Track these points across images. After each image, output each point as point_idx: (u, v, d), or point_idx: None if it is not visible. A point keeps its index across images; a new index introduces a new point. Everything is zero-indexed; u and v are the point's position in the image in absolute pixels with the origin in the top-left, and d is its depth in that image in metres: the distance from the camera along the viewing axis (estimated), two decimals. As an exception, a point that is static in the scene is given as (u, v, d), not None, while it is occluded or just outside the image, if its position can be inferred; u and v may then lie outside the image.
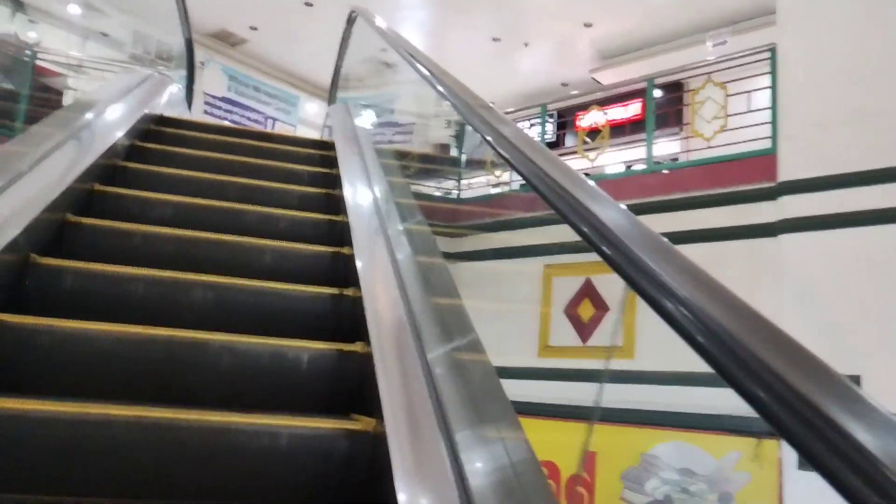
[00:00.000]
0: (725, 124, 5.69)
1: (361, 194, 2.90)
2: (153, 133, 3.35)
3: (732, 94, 5.79)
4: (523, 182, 1.49)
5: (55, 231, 2.00)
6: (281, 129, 12.11)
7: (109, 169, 2.58)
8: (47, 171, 2.09)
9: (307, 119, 12.97)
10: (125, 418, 1.30)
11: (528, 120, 9.05)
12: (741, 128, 5.56)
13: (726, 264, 3.75)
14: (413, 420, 1.39)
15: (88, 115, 2.86)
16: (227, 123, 11.15)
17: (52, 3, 8.91)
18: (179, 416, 1.34)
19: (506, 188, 7.97)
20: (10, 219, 1.74)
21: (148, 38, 10.09)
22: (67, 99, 7.78)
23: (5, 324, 1.52)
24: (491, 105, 1.97)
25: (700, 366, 0.78)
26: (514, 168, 1.56)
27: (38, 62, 7.27)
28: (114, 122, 3.00)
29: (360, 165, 3.33)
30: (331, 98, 5.83)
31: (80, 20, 10.22)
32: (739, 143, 5.51)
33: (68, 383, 1.52)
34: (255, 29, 10.83)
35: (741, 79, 5.90)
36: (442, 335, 1.78)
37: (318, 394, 1.73)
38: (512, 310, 6.35)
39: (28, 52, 7.26)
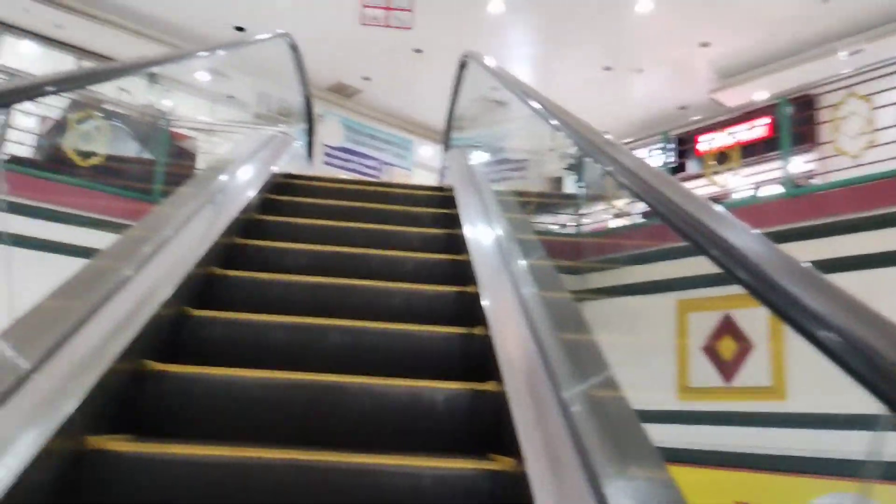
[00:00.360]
0: (874, 139, 5.33)
1: (481, 232, 2.96)
2: (282, 186, 3.59)
3: (878, 107, 5.43)
4: (645, 212, 1.47)
5: (204, 283, 2.18)
6: (397, 173, 12.56)
7: (247, 223, 2.79)
8: (194, 229, 2.30)
9: (421, 162, 13.39)
10: (280, 461, 1.40)
11: (646, 147, 8.89)
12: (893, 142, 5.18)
13: (884, 294, 3.48)
14: (554, 459, 1.39)
15: (223, 178, 3.12)
16: (343, 175, 11.72)
17: (183, 72, 9.78)
18: (329, 459, 1.42)
19: (627, 220, 7.82)
20: (167, 277, 1.93)
21: (270, 98, 10.86)
22: (200, 160, 8.49)
23: (166, 374, 1.68)
24: (608, 135, 1.97)
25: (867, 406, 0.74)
26: (641, 199, 1.55)
27: (173, 128, 7.98)
28: (246, 182, 3.25)
29: (477, 204, 3.41)
30: (445, 140, 6.01)
31: (209, 86, 11.14)
32: (890, 159, 5.13)
33: (222, 427, 1.65)
34: (368, 79, 11.38)
35: (888, 90, 5.52)
36: (574, 373, 1.77)
37: (454, 434, 1.77)
38: (645, 348, 6.15)
39: (163, 120, 7.99)
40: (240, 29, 9.98)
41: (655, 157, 8.39)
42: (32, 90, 1.85)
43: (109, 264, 1.92)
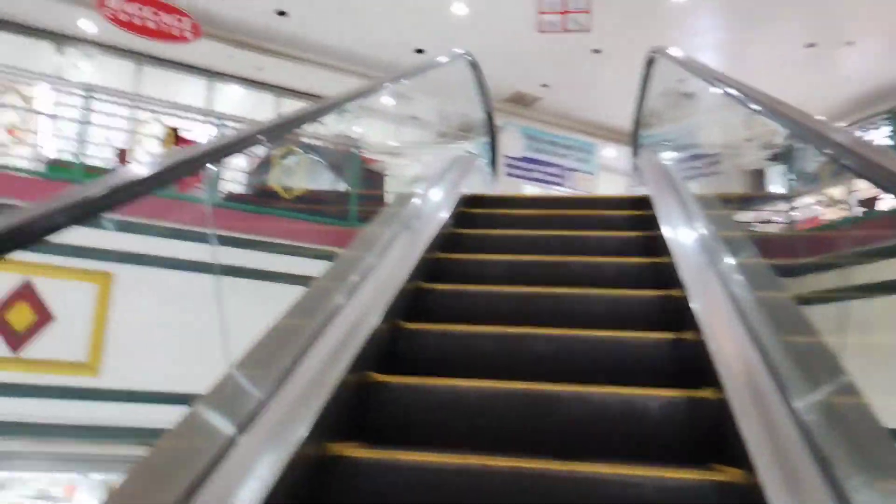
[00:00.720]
0: None
1: (683, 232, 2.86)
2: (475, 200, 3.72)
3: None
4: (863, 200, 1.34)
5: (413, 297, 2.32)
6: (580, 179, 12.44)
7: (445, 237, 2.94)
8: (399, 248, 2.46)
9: (606, 164, 13.15)
10: (504, 469, 1.45)
11: (866, 128, 8.04)
12: None
13: None
14: (791, 471, 1.31)
15: (417, 201, 3.30)
16: (527, 187, 11.83)
17: (370, 100, 10.44)
18: (550, 467, 1.45)
19: (846, 211, 7.12)
20: (381, 292, 2.09)
21: (451, 115, 11.27)
22: (389, 182, 9.02)
23: (388, 384, 1.82)
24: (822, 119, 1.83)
25: None
26: (882, 187, 1.42)
27: (364, 154, 8.54)
28: (439, 202, 3.42)
29: (675, 203, 3.29)
30: (633, 140, 5.86)
31: (393, 109, 11.78)
32: None
33: (441, 435, 1.75)
34: (546, 86, 11.42)
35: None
36: (803, 379, 1.66)
37: (669, 442, 1.73)
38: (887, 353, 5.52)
39: (355, 147, 8.58)
40: (420, 51, 10.47)
41: (881, 139, 7.56)
42: (244, 143, 1.95)
43: (328, 286, 2.10)
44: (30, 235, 1.11)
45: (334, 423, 1.57)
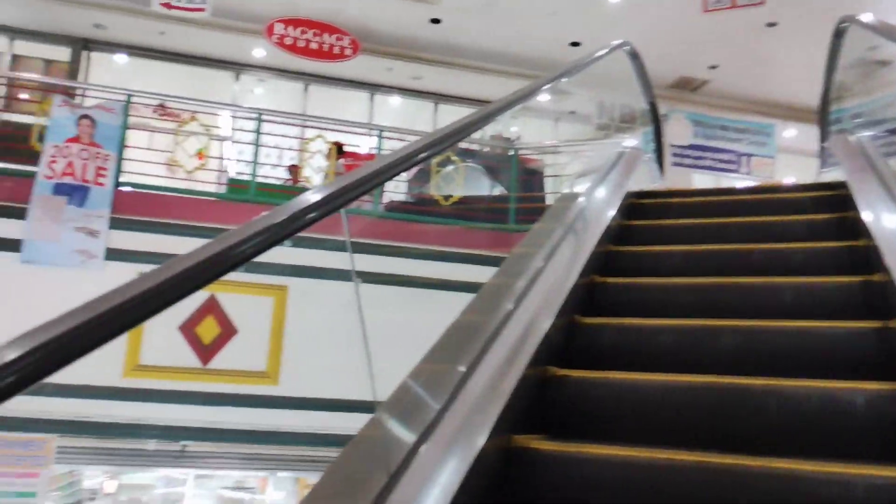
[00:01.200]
0: None
1: (886, 212, 2.63)
2: (641, 195, 3.65)
3: None
4: None
5: (586, 292, 2.34)
6: (757, 164, 11.73)
7: (616, 229, 2.92)
8: (571, 244, 2.50)
9: (786, 146, 12.30)
10: (691, 464, 1.44)
11: None
12: None
13: None
14: None
15: (582, 200, 3.29)
16: (696, 176, 11.32)
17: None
18: (743, 463, 1.41)
19: None
20: (556, 288, 2.12)
21: (611, 107, 11.05)
22: (548, 181, 9.02)
23: (568, 378, 1.85)
24: None
25: None
26: None
27: (521, 154, 8.59)
28: (604, 199, 3.38)
29: (874, 181, 3.03)
30: (822, 118, 5.44)
31: (550, 105, 11.74)
32: None
33: (623, 428, 1.76)
34: (715, 67, 10.89)
35: None
36: None
37: (878, 439, 1.61)
38: None
39: (512, 148, 8.67)
40: (575, 44, 10.38)
41: None
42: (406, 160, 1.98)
43: (501, 285, 2.15)
44: (242, 257, 1.28)
45: (517, 416, 1.62)
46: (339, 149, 8.78)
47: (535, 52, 10.60)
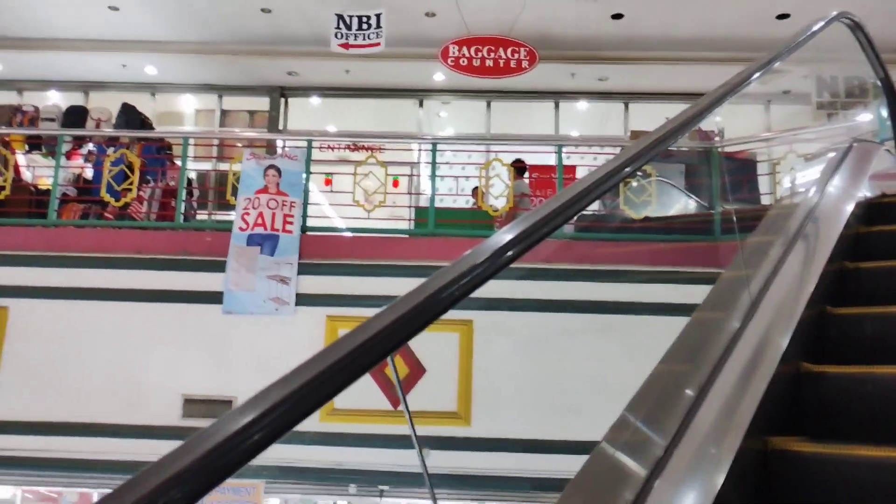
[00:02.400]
0: None
1: None
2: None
3: None
4: None
5: (837, 279, 2.24)
6: None
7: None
8: (813, 229, 2.38)
9: None
10: None
11: None
12: None
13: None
14: None
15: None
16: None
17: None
18: None
19: None
20: (806, 276, 2.04)
21: (833, 82, 9.52)
22: (764, 169, 7.90)
23: (825, 375, 1.74)
24: None
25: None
26: None
27: (726, 150, 7.63)
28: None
29: None
30: None
31: (759, 88, 10.41)
32: None
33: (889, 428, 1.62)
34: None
35: None
36: None
37: None
38: None
39: (714, 143, 7.73)
40: (783, 16, 9.09)
41: None
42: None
43: (741, 276, 2.09)
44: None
45: (771, 416, 1.55)
46: (519, 168, 8.39)
47: (735, 32, 9.44)
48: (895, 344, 1.87)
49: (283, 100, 10.83)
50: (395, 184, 8.47)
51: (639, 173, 6.73)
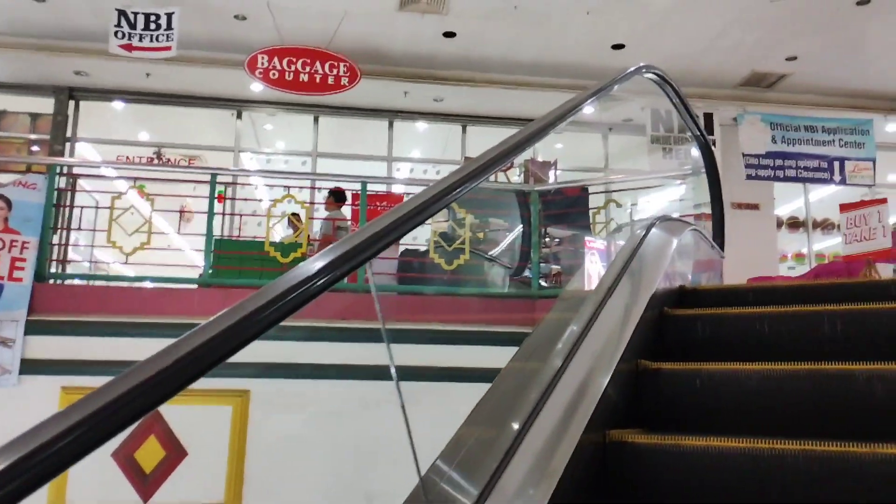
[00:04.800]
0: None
1: None
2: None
3: None
4: None
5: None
6: (854, 169, 9.65)
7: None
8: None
9: (890, 143, 10.20)
10: (794, 451, 1.42)
11: None
12: None
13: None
14: None
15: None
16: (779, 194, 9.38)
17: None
18: (850, 450, 1.39)
19: None
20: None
21: (667, 117, 9.21)
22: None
23: (661, 371, 1.90)
24: None
25: None
26: None
27: (542, 189, 7.01)
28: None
29: None
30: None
31: (597, 116, 10.00)
32: None
33: (722, 420, 1.80)
34: (794, 58, 8.91)
35: None
36: None
37: None
38: None
39: (525, 188, 7.06)
40: (618, 47, 8.66)
41: None
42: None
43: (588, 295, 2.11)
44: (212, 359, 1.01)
45: (611, 410, 1.64)
46: (337, 195, 7.42)
47: (574, 59, 8.95)
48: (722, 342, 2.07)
49: (72, 102, 9.24)
50: (220, 199, 7.25)
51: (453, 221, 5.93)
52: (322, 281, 1.17)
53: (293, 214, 8.58)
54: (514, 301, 5.75)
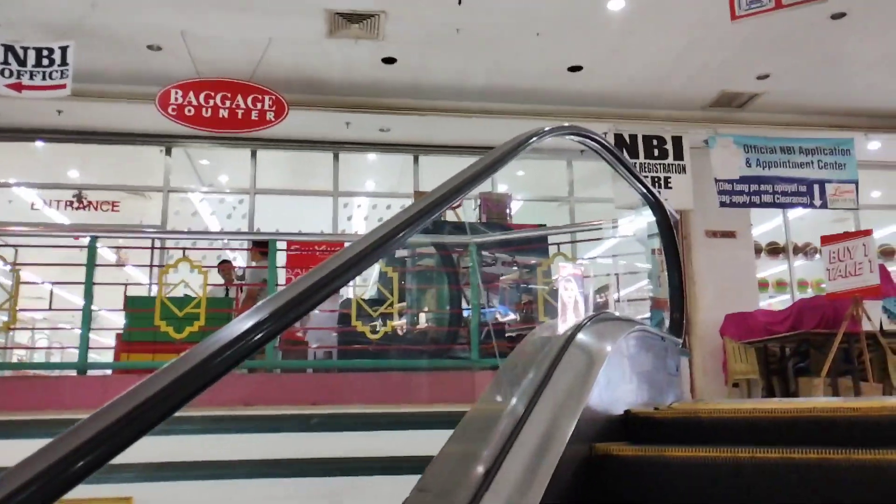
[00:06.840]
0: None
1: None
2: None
3: None
4: None
5: None
6: (835, 192, 8.94)
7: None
8: None
9: (871, 161, 9.52)
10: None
11: None
12: None
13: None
14: None
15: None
16: (752, 214, 8.65)
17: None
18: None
19: None
20: None
21: (631, 141, 8.47)
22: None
23: None
24: None
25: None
26: None
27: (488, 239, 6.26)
28: None
29: None
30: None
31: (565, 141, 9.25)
32: None
33: None
34: (766, 77, 8.22)
35: None
36: None
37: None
38: None
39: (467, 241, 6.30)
40: (575, 69, 7.93)
41: None
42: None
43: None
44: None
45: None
46: (262, 244, 6.63)
47: (528, 84, 8.20)
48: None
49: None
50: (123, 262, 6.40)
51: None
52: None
53: (223, 262, 7.77)
54: (447, 373, 4.95)
